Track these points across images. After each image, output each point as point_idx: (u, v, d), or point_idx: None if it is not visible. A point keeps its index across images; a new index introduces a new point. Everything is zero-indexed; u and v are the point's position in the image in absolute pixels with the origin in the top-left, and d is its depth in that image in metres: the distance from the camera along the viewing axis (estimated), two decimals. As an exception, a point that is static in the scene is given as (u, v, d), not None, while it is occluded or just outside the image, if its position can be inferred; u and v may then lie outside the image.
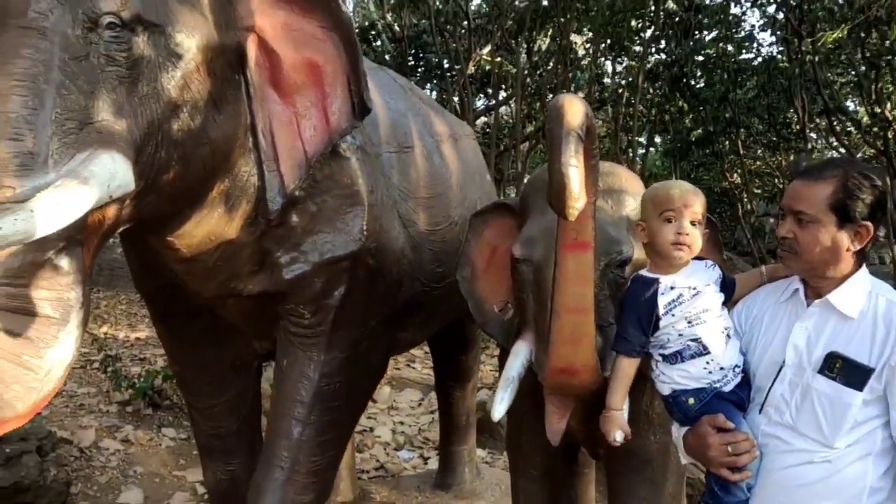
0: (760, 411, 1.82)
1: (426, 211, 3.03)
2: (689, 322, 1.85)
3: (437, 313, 3.36)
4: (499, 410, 2.17)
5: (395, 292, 2.82)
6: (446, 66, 11.89)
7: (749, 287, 2.00)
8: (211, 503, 3.26)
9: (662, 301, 1.87)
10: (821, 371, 1.71)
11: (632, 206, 2.27)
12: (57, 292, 1.70)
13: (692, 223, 1.87)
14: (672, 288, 1.88)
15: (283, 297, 2.55)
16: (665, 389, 1.94)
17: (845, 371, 1.67)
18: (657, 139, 16.57)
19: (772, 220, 15.85)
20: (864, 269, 1.78)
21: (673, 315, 1.86)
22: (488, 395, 6.42)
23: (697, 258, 1.95)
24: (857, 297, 1.73)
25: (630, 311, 1.93)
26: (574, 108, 1.66)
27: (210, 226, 2.28)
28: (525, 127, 12.02)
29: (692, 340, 1.84)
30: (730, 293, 1.97)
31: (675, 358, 1.87)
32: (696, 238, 1.88)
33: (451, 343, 4.34)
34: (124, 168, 1.80)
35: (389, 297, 2.79)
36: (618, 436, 1.96)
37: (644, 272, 1.98)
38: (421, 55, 12.70)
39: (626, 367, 1.96)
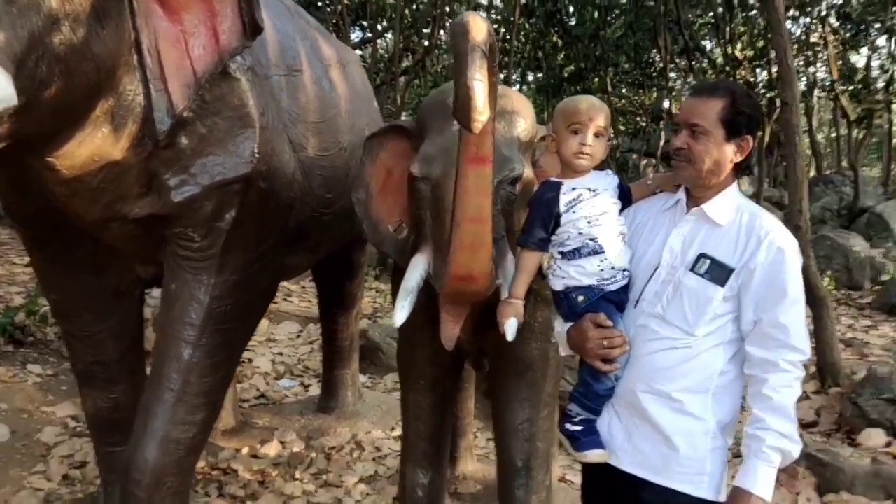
0: (635, 306, 2.05)
1: (316, 136, 3.03)
2: (589, 222, 2.03)
3: (326, 239, 3.39)
4: (399, 317, 2.26)
5: (286, 216, 2.83)
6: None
7: (641, 195, 2.22)
8: (91, 431, 3.20)
9: (564, 199, 2.05)
10: (691, 269, 1.95)
11: (522, 126, 2.39)
12: None
13: (596, 135, 2.06)
14: (573, 189, 2.06)
15: (172, 220, 2.51)
16: (558, 285, 2.11)
17: (711, 269, 1.93)
18: (530, 77, 16.94)
19: (634, 155, 16.74)
20: (735, 185, 2.03)
21: (574, 212, 2.04)
22: (368, 324, 6.55)
23: (597, 168, 2.14)
24: (728, 208, 1.98)
25: (535, 209, 2.11)
26: (478, 26, 1.74)
27: (94, 146, 2.21)
28: (402, 60, 11.93)
29: (590, 239, 2.03)
30: (627, 199, 2.18)
31: (574, 255, 2.05)
32: (598, 148, 2.08)
33: (337, 270, 4.39)
34: (5, 82, 1.73)
35: (280, 221, 2.80)
36: (511, 323, 2.12)
37: (552, 178, 2.15)
38: (294, -20, 12.22)
39: (529, 259, 2.13)
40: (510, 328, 2.12)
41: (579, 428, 2.08)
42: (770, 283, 1.88)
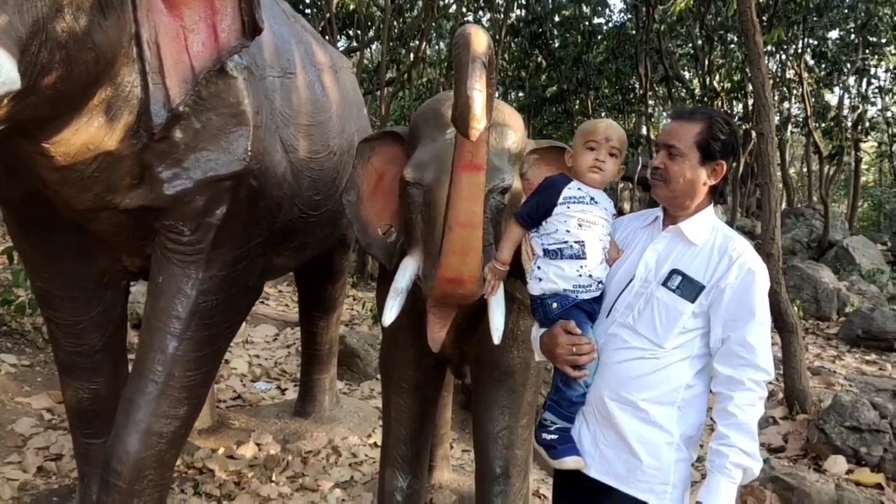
0: (607, 316, 2.11)
1: (307, 138, 3.06)
2: (580, 225, 2.09)
3: (312, 240, 3.42)
4: (389, 317, 2.31)
5: (275, 215, 2.85)
6: (308, 1, 11.60)
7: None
8: (70, 422, 3.18)
9: (566, 192, 2.11)
10: (664, 283, 2.02)
11: (513, 139, 2.45)
12: None
13: (610, 154, 2.13)
14: (579, 189, 2.13)
15: (163, 212, 2.53)
16: (536, 289, 2.16)
17: (682, 285, 1.99)
18: (511, 95, 17.13)
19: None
20: (710, 208, 2.10)
21: (568, 207, 2.10)
22: (346, 331, 6.56)
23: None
24: (703, 228, 2.05)
25: (540, 191, 2.18)
26: (479, 38, 1.80)
27: (89, 134, 2.22)
28: (388, 71, 12.00)
29: (576, 242, 2.08)
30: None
31: (556, 254, 2.10)
32: (610, 166, 2.15)
33: (319, 273, 4.41)
34: (9, 65, 1.74)
35: (269, 220, 2.82)
36: (497, 287, 2.20)
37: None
38: (283, -12, 12.25)
39: (516, 230, 2.19)
40: (496, 298, 2.20)
41: (555, 436, 2.12)
42: (738, 303, 1.95)
